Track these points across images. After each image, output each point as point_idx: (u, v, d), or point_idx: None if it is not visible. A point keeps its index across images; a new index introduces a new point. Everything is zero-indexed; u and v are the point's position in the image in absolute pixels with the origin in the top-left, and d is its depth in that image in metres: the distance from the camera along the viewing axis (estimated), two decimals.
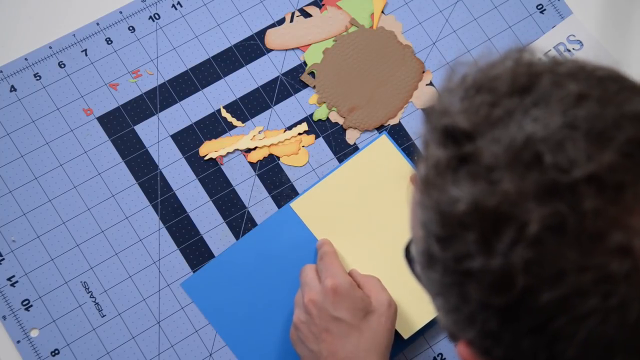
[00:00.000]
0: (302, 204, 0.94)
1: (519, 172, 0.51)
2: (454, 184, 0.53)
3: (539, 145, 0.51)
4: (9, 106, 0.94)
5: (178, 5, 0.99)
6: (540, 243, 0.50)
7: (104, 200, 0.93)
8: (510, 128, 0.52)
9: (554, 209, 0.50)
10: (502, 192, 0.51)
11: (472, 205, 0.52)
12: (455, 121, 0.54)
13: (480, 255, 0.52)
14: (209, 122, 0.96)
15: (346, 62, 0.99)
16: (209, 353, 0.89)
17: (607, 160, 0.50)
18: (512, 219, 0.51)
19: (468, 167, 0.53)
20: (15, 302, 0.89)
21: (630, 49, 1.01)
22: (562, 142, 0.51)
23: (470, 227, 0.52)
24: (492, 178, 0.51)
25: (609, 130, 0.51)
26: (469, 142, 0.53)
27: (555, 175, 0.50)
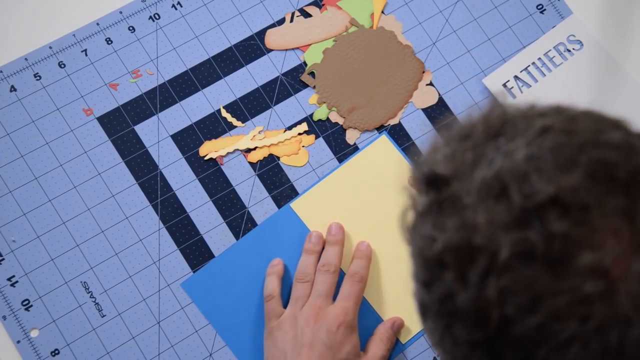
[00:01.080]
0: (302, 204, 0.94)
1: (488, 205, 0.52)
2: (432, 227, 0.54)
3: (505, 177, 0.52)
4: (9, 106, 0.94)
5: (178, 5, 0.99)
6: (512, 270, 0.50)
7: (104, 200, 0.93)
8: (482, 167, 0.53)
9: (523, 235, 0.50)
10: (474, 225, 0.52)
11: (447, 243, 0.53)
12: (434, 168, 0.55)
13: (460, 292, 0.52)
14: (209, 122, 0.96)
15: (346, 62, 0.99)
16: (209, 353, 0.89)
17: (570, 182, 0.51)
18: (483, 251, 0.51)
19: (446, 209, 0.54)
20: (15, 302, 0.89)
21: (630, 49, 1.01)
22: (527, 172, 0.52)
23: (447, 266, 0.53)
24: (466, 215, 0.52)
25: (573, 156, 0.52)
26: (447, 187, 0.54)
27: (521, 202, 0.51)
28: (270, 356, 0.86)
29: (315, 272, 0.89)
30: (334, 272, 0.89)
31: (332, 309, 0.86)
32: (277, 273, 0.89)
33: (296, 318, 0.86)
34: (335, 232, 0.91)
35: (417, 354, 0.91)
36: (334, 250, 0.90)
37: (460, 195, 0.53)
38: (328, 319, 0.85)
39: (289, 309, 0.87)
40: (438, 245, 0.53)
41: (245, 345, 0.89)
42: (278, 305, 0.88)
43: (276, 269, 0.90)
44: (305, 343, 0.83)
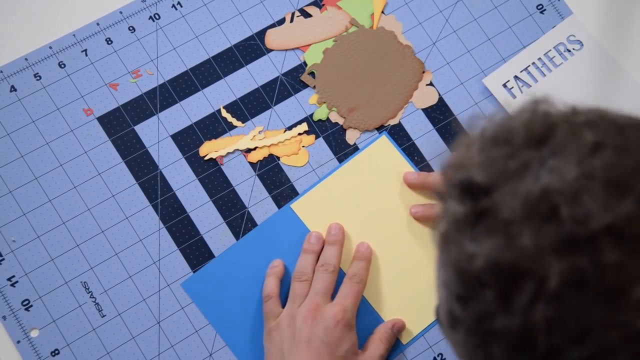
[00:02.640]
0: (302, 204, 0.94)
1: (536, 226, 0.49)
2: (471, 240, 0.51)
3: (555, 197, 0.50)
4: (9, 106, 0.94)
5: (178, 5, 0.99)
6: (561, 299, 0.49)
7: (104, 200, 0.93)
8: (526, 180, 0.51)
9: (573, 263, 0.48)
10: (519, 247, 0.49)
11: (489, 261, 0.50)
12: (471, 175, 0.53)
13: (501, 314, 0.50)
14: (209, 122, 0.96)
15: (346, 62, 0.99)
16: (209, 353, 0.89)
17: (625, 211, 0.49)
18: (530, 275, 0.49)
19: (486, 222, 0.51)
20: (15, 302, 0.89)
21: (630, 49, 1.01)
22: (578, 194, 0.49)
23: (488, 285, 0.51)
24: (510, 233, 0.50)
25: (627, 178, 0.50)
26: (486, 197, 0.52)
27: (573, 227, 0.49)
28: (269, 355, 0.86)
29: (313, 272, 0.89)
30: (332, 272, 0.88)
31: (330, 307, 0.86)
32: (277, 274, 0.89)
33: (294, 316, 0.86)
34: (334, 232, 0.91)
35: (417, 354, 0.91)
36: (333, 250, 0.90)
37: (502, 209, 0.51)
38: (326, 317, 0.85)
39: (287, 308, 0.87)
40: (479, 262, 0.51)
41: (245, 345, 0.89)
42: (276, 305, 0.88)
43: (276, 270, 0.90)
44: (303, 340, 0.84)
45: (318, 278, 0.88)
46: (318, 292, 0.87)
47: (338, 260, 0.90)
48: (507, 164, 0.52)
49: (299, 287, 0.88)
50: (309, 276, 0.89)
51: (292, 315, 0.86)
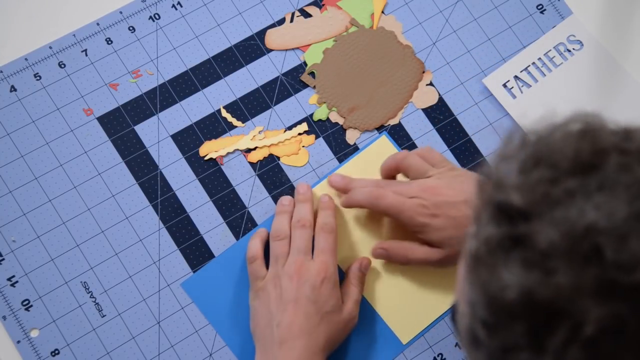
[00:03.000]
0: None
1: (576, 265, 0.47)
2: (505, 267, 0.49)
3: (600, 236, 0.47)
4: (9, 106, 0.94)
5: (178, 5, 0.99)
6: (597, 346, 0.47)
7: (104, 200, 0.93)
8: (570, 212, 0.48)
9: (614, 310, 0.46)
10: (557, 285, 0.47)
11: (524, 294, 0.48)
12: (510, 198, 0.50)
13: (530, 351, 0.49)
14: (209, 122, 0.96)
15: (346, 62, 0.99)
16: (209, 353, 0.89)
17: None
18: (566, 316, 0.47)
19: (522, 251, 0.49)
20: (15, 302, 0.89)
21: (630, 49, 1.01)
22: (626, 236, 0.47)
23: (519, 318, 0.49)
24: (547, 267, 0.48)
25: None
26: (524, 222, 0.49)
27: (616, 274, 0.46)
28: (256, 316, 0.87)
29: (289, 230, 0.90)
30: (309, 227, 0.89)
31: (312, 265, 0.87)
32: (261, 237, 0.90)
33: (279, 277, 0.87)
34: (303, 191, 0.92)
35: (417, 354, 0.91)
36: (304, 207, 0.91)
37: (541, 239, 0.48)
38: (310, 275, 0.86)
39: (271, 269, 0.88)
40: (511, 293, 0.48)
41: (245, 345, 0.89)
42: (261, 267, 0.89)
43: (260, 234, 0.91)
44: (290, 300, 0.85)
45: (296, 235, 0.89)
46: (299, 250, 0.87)
47: (311, 215, 0.90)
48: (550, 190, 0.49)
49: (279, 246, 0.88)
50: (286, 234, 0.89)
51: (277, 275, 0.87)
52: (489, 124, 0.98)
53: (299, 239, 0.88)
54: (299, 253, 0.87)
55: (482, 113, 0.98)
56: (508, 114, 0.98)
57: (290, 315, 0.84)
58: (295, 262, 0.87)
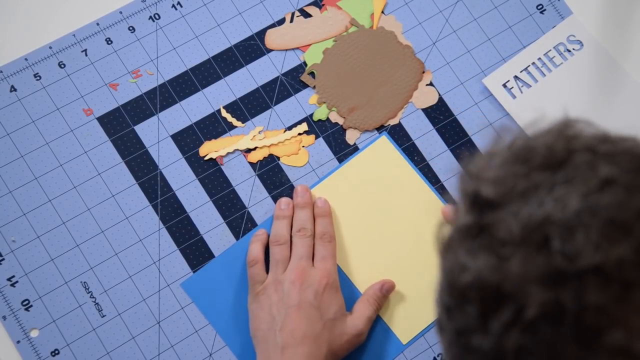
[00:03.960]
0: None
1: (527, 253, 0.49)
2: (467, 253, 0.51)
3: (551, 227, 0.49)
4: (9, 106, 0.94)
5: (178, 5, 0.99)
6: (535, 330, 0.48)
7: (104, 200, 0.93)
8: (531, 204, 0.50)
9: (555, 296, 0.48)
10: (506, 270, 0.49)
11: (476, 278, 0.50)
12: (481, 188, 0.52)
13: (478, 333, 0.50)
14: (209, 122, 0.96)
15: (346, 62, 0.99)
16: (209, 353, 0.90)
17: (616, 254, 0.48)
18: (511, 300, 0.49)
19: (484, 238, 0.51)
20: (15, 302, 0.89)
21: (630, 49, 1.01)
22: (574, 229, 0.48)
23: (472, 301, 0.51)
24: (503, 254, 0.50)
25: (629, 220, 0.49)
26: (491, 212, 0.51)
27: (561, 262, 0.48)
28: (256, 319, 0.87)
29: (289, 235, 0.90)
30: (310, 236, 0.90)
31: (315, 271, 0.87)
32: (261, 241, 0.91)
33: (280, 282, 0.87)
34: (302, 194, 0.92)
35: (417, 354, 0.91)
36: (305, 213, 0.91)
37: (501, 228, 0.50)
38: (313, 281, 0.86)
39: (272, 274, 0.88)
40: (467, 277, 0.51)
41: (245, 346, 0.89)
42: (262, 270, 0.89)
43: (260, 237, 0.91)
44: (292, 304, 0.85)
45: (298, 243, 0.89)
46: (301, 256, 0.88)
47: (312, 222, 0.91)
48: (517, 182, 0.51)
49: (279, 251, 0.89)
50: (286, 239, 0.90)
51: (278, 280, 0.87)
52: (489, 124, 0.98)
53: (300, 247, 0.89)
54: (301, 259, 0.88)
55: (482, 113, 0.98)
56: (508, 114, 0.98)
57: (293, 320, 0.84)
58: (298, 267, 0.87)
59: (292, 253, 0.89)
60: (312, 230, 0.90)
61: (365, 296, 0.90)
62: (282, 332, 0.83)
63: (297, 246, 0.89)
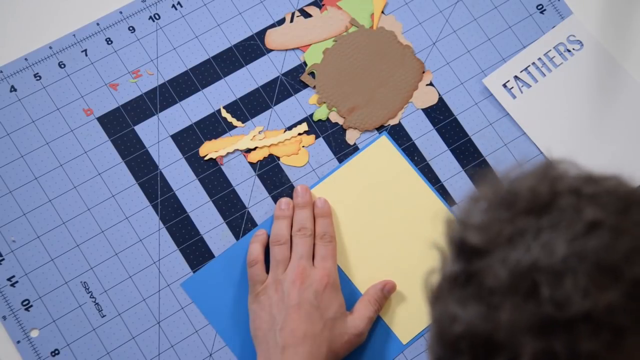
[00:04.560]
0: None
1: (517, 301, 0.49)
2: (457, 302, 0.51)
3: (539, 274, 0.48)
4: (9, 106, 0.94)
5: (178, 5, 0.99)
6: None
7: (104, 200, 0.93)
8: (518, 250, 0.50)
9: (548, 345, 0.48)
10: (497, 320, 0.49)
11: (467, 328, 0.50)
12: (467, 236, 0.52)
13: None
14: (209, 122, 0.96)
15: (346, 62, 0.99)
16: (209, 353, 0.90)
17: (606, 301, 0.47)
18: (503, 350, 0.48)
19: (473, 287, 0.51)
20: (15, 302, 0.89)
21: (630, 49, 1.01)
22: (562, 275, 0.48)
23: (464, 352, 0.50)
24: (492, 303, 0.49)
25: (617, 264, 0.48)
26: (479, 259, 0.51)
27: (551, 310, 0.48)
28: (256, 319, 0.87)
29: (289, 235, 0.90)
30: (310, 236, 0.90)
31: (315, 271, 0.87)
32: (261, 241, 0.91)
33: (280, 281, 0.87)
34: (302, 194, 0.92)
35: (417, 354, 0.91)
36: (305, 213, 0.91)
37: (489, 276, 0.50)
38: (313, 281, 0.86)
39: (272, 274, 0.88)
40: (458, 327, 0.50)
41: (245, 346, 0.89)
42: (262, 270, 0.89)
43: (260, 238, 0.91)
44: (293, 304, 0.85)
45: (298, 243, 0.89)
46: (302, 256, 0.88)
47: (312, 222, 0.91)
48: (503, 228, 0.51)
49: (279, 252, 0.89)
50: (286, 239, 0.90)
51: (278, 280, 0.87)
52: (489, 124, 0.98)
53: (301, 246, 0.89)
54: (301, 259, 0.88)
55: (482, 113, 0.98)
56: (508, 114, 0.98)
57: (293, 320, 0.84)
58: (298, 267, 0.87)
59: (292, 253, 0.89)
60: (312, 230, 0.90)
61: (367, 296, 0.90)
62: (283, 331, 0.83)
63: (297, 246, 0.89)
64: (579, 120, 0.99)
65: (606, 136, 0.98)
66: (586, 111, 0.99)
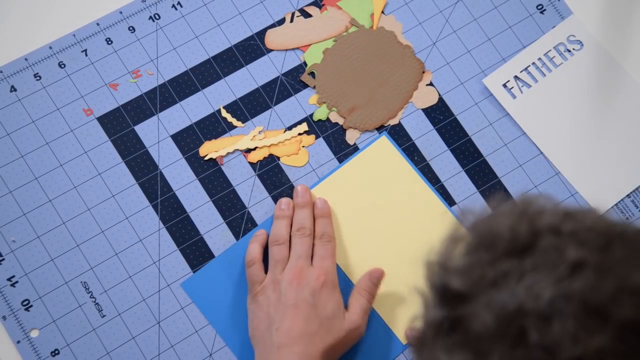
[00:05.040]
0: None
1: (505, 347, 0.48)
2: (443, 350, 0.50)
3: (526, 319, 0.48)
4: (9, 106, 0.94)
5: (178, 5, 0.99)
6: None
7: (104, 200, 0.93)
8: (502, 294, 0.49)
9: None
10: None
11: None
12: (449, 281, 0.51)
13: None
14: (209, 122, 0.96)
15: (346, 62, 0.99)
16: (209, 353, 0.90)
17: (596, 345, 0.47)
18: None
19: (459, 333, 0.50)
20: (15, 302, 0.89)
21: (630, 49, 1.01)
22: (549, 319, 0.47)
23: None
24: (480, 350, 0.48)
25: (604, 306, 0.47)
26: (462, 305, 0.50)
27: (541, 356, 0.47)
28: (254, 319, 0.87)
29: (288, 235, 0.90)
30: (309, 235, 0.90)
31: (312, 270, 0.87)
32: (260, 241, 0.91)
33: (278, 281, 0.87)
34: (302, 194, 0.92)
35: None
36: (304, 213, 0.91)
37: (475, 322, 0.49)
38: (310, 280, 0.86)
39: (270, 274, 0.88)
40: None
41: (245, 345, 0.89)
42: (260, 270, 0.89)
43: (259, 238, 0.91)
44: (290, 304, 0.85)
45: (297, 242, 0.89)
46: (300, 256, 0.88)
47: (311, 222, 0.91)
48: (486, 272, 0.50)
49: (278, 251, 0.89)
50: (285, 239, 0.90)
51: (276, 280, 0.87)
52: (489, 124, 0.98)
53: (299, 246, 0.89)
54: (299, 258, 0.88)
55: (482, 113, 0.98)
56: (508, 114, 0.98)
57: (289, 319, 0.84)
58: (295, 267, 0.87)
59: (290, 253, 0.89)
60: (312, 229, 0.90)
61: (356, 289, 0.89)
62: (279, 331, 0.83)
63: (296, 245, 0.89)
64: (579, 120, 0.99)
65: (606, 136, 0.98)
66: (586, 111, 0.99)
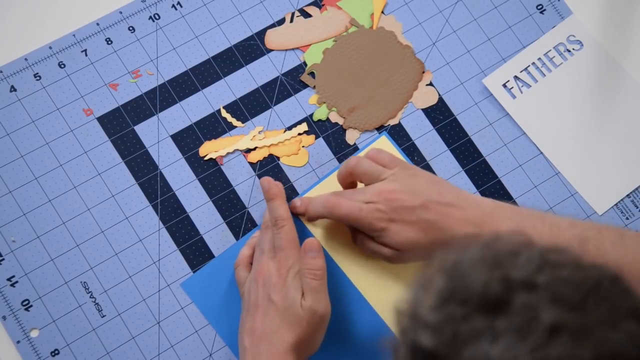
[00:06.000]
0: None
1: None
2: None
3: None
4: (9, 106, 0.94)
5: (178, 6, 0.99)
6: None
7: (104, 200, 0.93)
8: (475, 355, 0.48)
9: None
10: None
11: None
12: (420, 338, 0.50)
13: None
14: (209, 122, 0.96)
15: (346, 62, 0.99)
16: (209, 353, 0.90)
17: None
18: None
19: None
20: (15, 302, 0.89)
21: (630, 49, 1.01)
22: None
23: None
24: None
25: None
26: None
27: None
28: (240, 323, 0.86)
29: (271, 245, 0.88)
30: (268, 227, 0.87)
31: (272, 264, 0.85)
32: (251, 244, 0.90)
33: (249, 282, 0.86)
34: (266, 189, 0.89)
35: None
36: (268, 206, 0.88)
37: None
38: (271, 275, 0.84)
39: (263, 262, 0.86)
40: None
41: None
42: (243, 272, 0.88)
43: (251, 241, 0.90)
44: (252, 304, 0.84)
45: (260, 237, 0.88)
46: (262, 251, 0.86)
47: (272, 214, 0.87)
48: (458, 329, 0.49)
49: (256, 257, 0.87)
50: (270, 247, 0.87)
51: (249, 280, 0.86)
52: (489, 124, 0.98)
53: (261, 241, 0.88)
54: (262, 254, 0.86)
55: (482, 113, 0.98)
56: (508, 114, 0.98)
57: (250, 320, 0.83)
58: (258, 265, 0.86)
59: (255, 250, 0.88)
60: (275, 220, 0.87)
61: (299, 273, 0.85)
62: (245, 334, 0.83)
63: (259, 241, 0.88)
64: (579, 120, 0.99)
65: (606, 136, 0.98)
66: (586, 111, 0.99)
